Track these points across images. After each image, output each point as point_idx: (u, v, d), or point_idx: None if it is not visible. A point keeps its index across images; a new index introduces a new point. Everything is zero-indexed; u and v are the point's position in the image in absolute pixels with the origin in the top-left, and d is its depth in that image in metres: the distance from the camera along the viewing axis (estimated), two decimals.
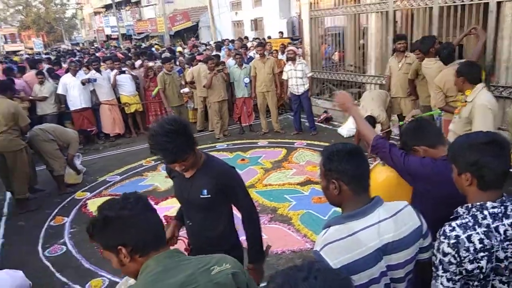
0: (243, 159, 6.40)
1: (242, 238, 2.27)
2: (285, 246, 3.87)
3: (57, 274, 3.74)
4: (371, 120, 5.65)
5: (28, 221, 4.82)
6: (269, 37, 13.87)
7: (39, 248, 4.22)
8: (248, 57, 9.14)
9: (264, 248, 2.28)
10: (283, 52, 9.02)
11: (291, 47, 8.12)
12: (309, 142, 6.99)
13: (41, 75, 7.61)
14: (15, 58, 18.11)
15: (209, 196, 2.04)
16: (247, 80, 7.60)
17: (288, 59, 7.32)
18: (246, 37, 13.63)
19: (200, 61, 8.16)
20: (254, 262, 2.20)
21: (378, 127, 6.22)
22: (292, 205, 4.72)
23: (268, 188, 5.26)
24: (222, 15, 20.78)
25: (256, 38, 12.93)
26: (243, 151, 6.83)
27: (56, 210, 5.10)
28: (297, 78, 7.14)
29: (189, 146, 1.90)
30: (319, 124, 8.15)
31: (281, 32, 14.78)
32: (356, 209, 1.43)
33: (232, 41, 13.05)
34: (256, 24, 19.89)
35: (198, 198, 2.05)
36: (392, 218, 1.42)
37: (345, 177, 1.47)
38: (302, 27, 9.24)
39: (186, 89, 8.21)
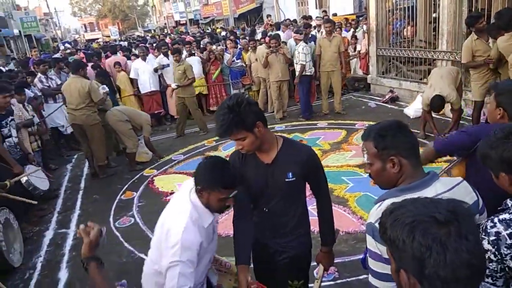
0: (301, 141, 6.35)
1: None
2: (339, 228, 3.80)
3: (125, 244, 4.08)
4: (440, 100, 5.27)
5: (102, 195, 5.28)
6: (334, 15, 13.40)
7: (111, 219, 4.62)
8: (310, 36, 8.93)
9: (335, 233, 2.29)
10: (347, 29, 8.73)
11: (295, 35, 7.72)
12: (371, 123, 6.69)
13: (118, 65, 8.27)
14: (95, 45, 19.57)
15: (294, 179, 1.99)
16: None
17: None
18: (310, 16, 13.27)
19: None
20: (328, 245, 2.22)
21: (448, 107, 5.80)
22: (349, 187, 4.62)
23: (326, 169, 5.14)
24: None
25: (324, 15, 12.52)
26: (302, 132, 6.77)
27: (126, 185, 5.53)
28: (300, 60, 7.18)
29: (241, 123, 1.83)
30: (384, 104, 7.79)
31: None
32: (412, 182, 1.39)
33: (295, 21, 12.81)
34: (321, 1, 19.27)
35: (282, 182, 1.99)
36: (449, 192, 1.36)
37: (404, 150, 1.43)
38: (368, 2, 8.78)
39: (173, 85, 7.31)
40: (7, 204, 3.98)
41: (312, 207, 2.21)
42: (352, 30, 9.17)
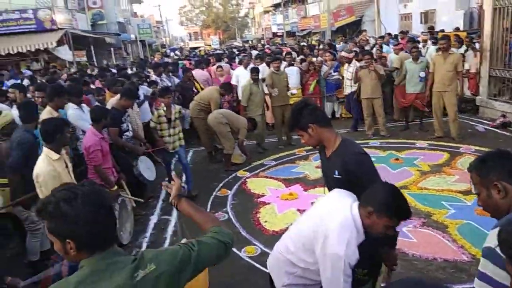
0: (397, 159, 6.13)
1: None
2: (436, 254, 3.63)
3: None
4: None
5: (200, 191, 5.68)
6: (441, 31, 12.65)
7: None
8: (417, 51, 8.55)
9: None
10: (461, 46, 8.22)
11: (343, 54, 8.32)
12: (477, 148, 6.21)
13: (220, 68, 8.84)
14: (201, 53, 21.15)
15: (340, 177, 2.21)
16: (422, 74, 7.17)
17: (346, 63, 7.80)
18: (406, 31, 12.72)
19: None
20: (384, 246, 2.27)
21: None
22: (450, 213, 4.34)
23: (424, 192, 4.94)
24: (389, 8, 19.82)
25: (429, 30, 11.92)
26: (398, 150, 6.52)
27: (222, 184, 5.88)
28: (346, 79, 7.67)
29: (297, 123, 2.26)
30: (494, 129, 7.15)
31: (457, 28, 13.30)
32: None
33: (396, 36, 12.37)
34: (427, 16, 18.31)
35: (332, 177, 2.27)
36: None
37: (508, 176, 1.39)
38: (482, 19, 8.17)
39: (294, 91, 8.12)
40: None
41: None
42: (464, 47, 8.59)
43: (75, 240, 1.23)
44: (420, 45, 8.98)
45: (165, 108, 5.30)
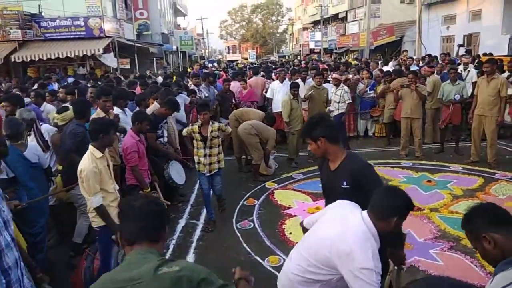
0: (429, 181, 6.02)
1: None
2: (463, 278, 3.53)
3: (244, 244, 4.45)
4: None
5: (228, 197, 5.80)
6: (484, 54, 12.34)
7: (233, 220, 5.08)
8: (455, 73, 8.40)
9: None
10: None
11: (335, 75, 8.07)
12: None
13: (243, 81, 9.03)
14: (238, 65, 21.73)
15: (348, 186, 2.45)
16: (457, 97, 7.09)
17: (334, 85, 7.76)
18: (434, 57, 12.49)
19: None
20: (392, 246, 2.40)
21: None
22: None
23: (454, 216, 4.84)
24: (431, 30, 19.52)
25: (467, 51, 11.67)
26: (431, 172, 6.40)
27: (249, 193, 5.99)
28: (334, 102, 7.53)
29: (309, 133, 2.54)
30: None
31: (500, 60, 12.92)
32: None
33: (436, 58, 12.17)
34: (470, 39, 17.87)
35: (339, 187, 2.48)
36: None
37: (492, 226, 1.50)
38: None
39: (332, 108, 8.10)
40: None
41: None
42: (507, 73, 8.33)
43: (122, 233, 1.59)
44: (461, 68, 8.80)
45: (200, 124, 4.79)
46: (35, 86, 8.86)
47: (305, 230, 2.48)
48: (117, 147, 4.42)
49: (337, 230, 2.06)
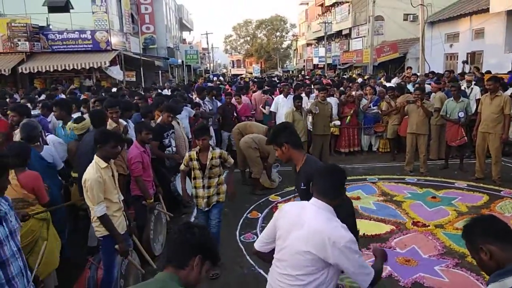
0: (434, 197, 5.99)
1: None
2: None
3: (247, 257, 4.41)
4: None
5: (231, 210, 5.79)
6: (488, 72, 12.41)
7: (237, 232, 5.06)
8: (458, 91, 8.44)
9: None
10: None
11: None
12: None
13: (265, 94, 9.18)
14: (246, 79, 22.07)
15: (305, 187, 2.64)
16: (461, 114, 7.09)
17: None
18: (452, 71, 12.57)
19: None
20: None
21: None
22: None
23: (459, 233, 4.74)
24: (434, 47, 19.65)
25: (475, 68, 11.75)
26: (435, 189, 6.37)
27: (253, 206, 5.97)
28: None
29: (274, 140, 2.80)
30: None
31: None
32: (509, 264, 1.47)
33: (441, 75, 12.23)
34: (474, 57, 17.98)
35: (299, 188, 2.76)
36: None
37: (489, 238, 1.54)
38: None
39: (338, 122, 8.23)
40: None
41: None
42: (511, 90, 8.37)
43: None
44: (464, 85, 8.85)
45: (198, 150, 4.14)
46: (42, 97, 8.97)
47: (263, 255, 2.33)
48: (125, 156, 4.44)
49: (308, 234, 2.02)
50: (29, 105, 6.45)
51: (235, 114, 8.58)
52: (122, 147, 3.91)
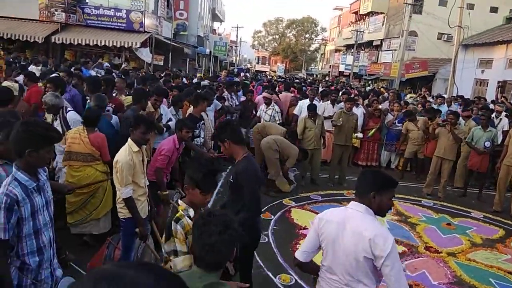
0: (449, 224, 5.94)
1: None
2: None
3: (257, 257, 4.44)
4: None
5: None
6: None
7: None
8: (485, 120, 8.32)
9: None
10: None
11: (265, 94, 8.15)
12: None
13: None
14: (273, 77, 22.26)
15: (233, 181, 3.03)
16: (488, 144, 7.01)
17: (264, 103, 7.83)
18: (483, 98, 12.37)
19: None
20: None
21: None
22: None
23: (472, 264, 4.76)
24: (465, 71, 19.30)
25: (503, 98, 11.53)
26: (451, 216, 6.32)
27: (266, 207, 6.00)
28: (264, 119, 7.59)
29: (218, 137, 3.10)
30: None
31: None
32: None
33: (472, 102, 12.03)
34: (505, 87, 17.64)
35: (230, 180, 3.07)
36: None
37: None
38: None
39: (360, 134, 8.21)
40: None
41: None
42: None
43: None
44: (493, 115, 8.70)
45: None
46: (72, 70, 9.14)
47: (306, 265, 2.37)
48: (152, 143, 4.53)
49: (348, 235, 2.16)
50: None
51: (253, 112, 8.61)
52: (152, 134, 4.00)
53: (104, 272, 0.75)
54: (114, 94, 5.77)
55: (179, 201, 2.47)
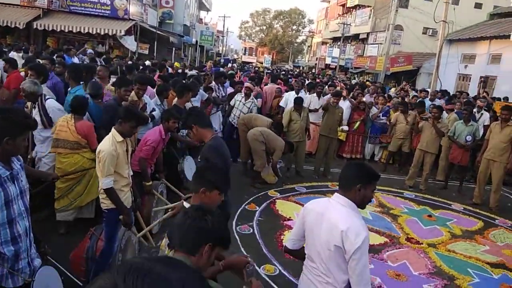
0: (430, 216, 6.07)
1: None
2: None
3: (242, 249, 4.48)
4: None
5: (231, 199, 5.85)
6: (505, 99, 12.43)
7: (233, 223, 5.12)
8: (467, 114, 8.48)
9: None
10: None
11: (247, 84, 8.09)
12: None
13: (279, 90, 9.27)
14: (260, 69, 22.16)
15: (200, 160, 3.18)
16: (469, 138, 7.13)
17: (244, 94, 7.66)
18: (466, 93, 12.59)
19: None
20: None
21: None
22: (475, 282, 4.28)
23: (451, 255, 4.88)
24: (449, 65, 19.61)
25: (485, 93, 11.78)
26: (432, 208, 6.45)
27: (251, 198, 6.03)
28: (242, 111, 7.47)
29: (187, 121, 3.23)
30: None
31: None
32: None
33: (454, 96, 12.22)
34: (487, 82, 17.97)
35: (198, 160, 3.25)
36: None
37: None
38: None
39: (346, 128, 8.33)
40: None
41: None
42: None
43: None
44: (475, 109, 8.86)
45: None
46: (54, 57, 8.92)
47: (294, 252, 2.47)
48: (136, 133, 4.47)
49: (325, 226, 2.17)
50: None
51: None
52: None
53: (133, 265, 0.78)
54: None
55: (184, 203, 2.45)
